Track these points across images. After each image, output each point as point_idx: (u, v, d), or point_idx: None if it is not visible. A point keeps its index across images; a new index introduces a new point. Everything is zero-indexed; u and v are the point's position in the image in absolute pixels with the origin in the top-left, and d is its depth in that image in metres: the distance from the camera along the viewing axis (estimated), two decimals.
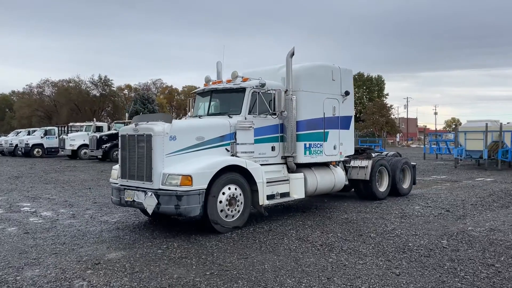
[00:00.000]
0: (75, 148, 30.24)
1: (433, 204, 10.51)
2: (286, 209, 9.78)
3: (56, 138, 33.37)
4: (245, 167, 7.78)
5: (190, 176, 6.95)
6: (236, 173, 7.67)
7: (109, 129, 32.35)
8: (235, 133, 8.05)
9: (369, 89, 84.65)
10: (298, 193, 8.84)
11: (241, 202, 7.74)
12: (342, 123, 10.13)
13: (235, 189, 7.63)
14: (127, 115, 35.29)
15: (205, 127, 8.01)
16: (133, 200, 7.45)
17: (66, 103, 66.32)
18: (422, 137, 49.34)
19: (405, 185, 12.04)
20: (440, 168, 22.64)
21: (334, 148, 9.93)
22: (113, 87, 70.92)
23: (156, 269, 5.50)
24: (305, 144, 9.18)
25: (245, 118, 8.25)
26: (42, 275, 5.33)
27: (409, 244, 6.74)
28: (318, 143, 9.50)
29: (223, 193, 7.44)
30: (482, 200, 11.26)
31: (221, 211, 7.41)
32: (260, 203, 7.98)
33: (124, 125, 29.18)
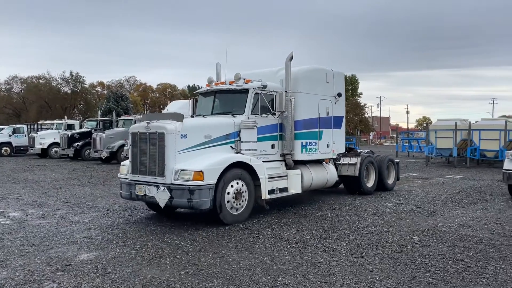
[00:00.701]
0: (45, 146, 29.39)
1: (405, 201, 10.74)
2: (263, 208, 9.81)
3: (25, 136, 32.30)
4: (250, 163, 8.27)
5: (201, 171, 7.42)
6: (241, 169, 8.16)
7: (81, 127, 31.64)
8: (239, 131, 8.54)
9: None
10: (295, 188, 9.42)
11: (246, 196, 8.22)
12: (335, 122, 10.83)
13: (241, 184, 8.13)
14: (99, 112, 34.48)
15: (212, 125, 8.46)
16: (145, 194, 7.86)
17: (35, 100, 64.36)
18: (395, 136, 50.40)
19: (390, 181, 12.77)
20: (412, 165, 23.16)
21: (328, 146, 10.54)
22: (85, 84, 69.28)
23: (129, 270, 5.40)
24: (302, 143, 9.73)
25: (248, 118, 8.76)
26: (10, 277, 5.14)
27: (382, 240, 6.85)
28: (313, 142, 10.09)
29: (231, 187, 7.93)
30: (452, 196, 11.58)
31: (228, 202, 7.89)
32: (263, 197, 8.51)
33: (97, 123, 29.07)
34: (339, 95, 10.92)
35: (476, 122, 24.78)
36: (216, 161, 7.80)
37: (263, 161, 8.74)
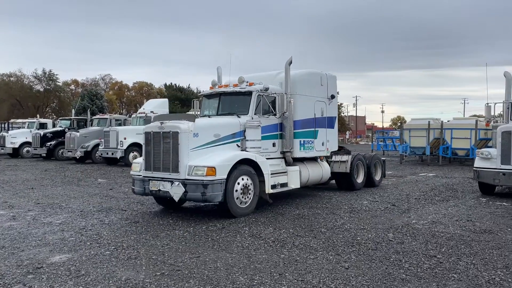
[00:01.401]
0: (17, 146, 28.58)
1: (380, 199, 10.92)
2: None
3: None
4: (255, 160, 8.90)
5: (214, 167, 8.01)
6: (247, 166, 8.78)
7: (54, 126, 30.89)
8: (245, 130, 9.19)
9: None
10: (294, 183, 10.15)
11: (252, 191, 8.82)
12: (329, 122, 11.63)
13: (247, 179, 8.71)
14: (73, 111, 33.75)
15: (221, 125, 9.07)
16: (159, 190, 8.39)
17: (6, 99, 62.41)
18: (370, 135, 51.17)
19: (377, 177, 13.59)
20: (387, 164, 23.51)
21: (323, 144, 11.38)
22: (58, 82, 67.64)
23: (103, 272, 5.30)
24: (300, 141, 10.50)
25: (252, 118, 9.41)
26: None
27: (358, 238, 6.95)
28: (310, 140, 10.89)
29: (238, 183, 8.50)
30: (425, 194, 11.84)
31: (237, 198, 8.47)
32: (266, 192, 9.12)
33: (70, 122, 28.43)
34: (332, 97, 11.66)
35: (448, 121, 25.36)
36: (226, 158, 8.41)
37: (266, 158, 9.37)
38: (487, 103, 12.74)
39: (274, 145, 9.90)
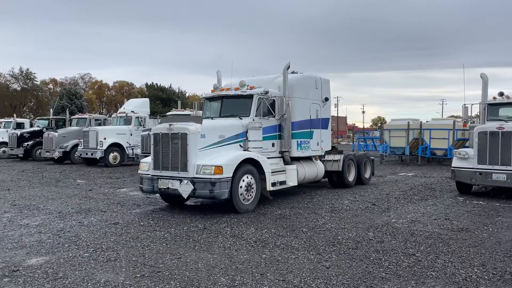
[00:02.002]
0: None
1: (361, 198, 11.04)
2: (221, 208, 9.76)
3: None
4: (258, 160, 9.42)
5: (221, 166, 8.50)
6: (250, 165, 9.28)
7: (31, 125, 30.24)
8: (247, 131, 9.69)
9: None
10: (292, 181, 10.66)
11: (255, 188, 9.33)
12: (323, 124, 12.21)
13: (251, 178, 9.24)
14: (51, 111, 33.04)
15: (225, 127, 9.56)
16: (168, 188, 8.85)
17: None
18: (351, 135, 51.73)
19: (367, 175, 14.20)
20: None
21: (317, 144, 11.98)
22: (36, 81, 66.22)
23: (82, 274, 5.20)
24: (297, 141, 11.04)
25: (253, 120, 9.92)
26: None
27: (339, 237, 7.00)
28: (306, 140, 11.45)
29: (243, 181, 9.01)
30: (404, 193, 12.03)
31: (241, 195, 8.97)
32: (267, 189, 9.65)
33: (49, 122, 27.86)
34: (326, 99, 12.26)
35: (427, 122, 25.76)
36: (231, 158, 8.90)
37: (267, 158, 9.92)
38: (464, 104, 13.03)
39: (273, 145, 10.47)
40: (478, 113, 13.34)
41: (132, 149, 21.73)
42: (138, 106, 23.60)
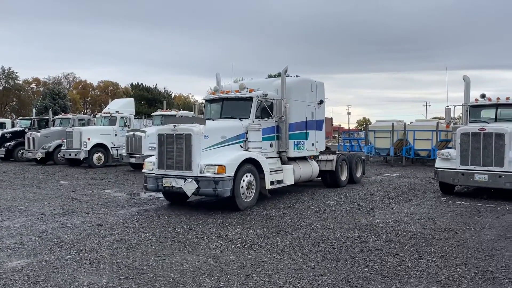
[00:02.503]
0: None
1: (346, 199, 11.11)
2: (208, 208, 9.72)
3: None
4: (257, 159, 9.83)
5: (224, 165, 8.90)
6: (250, 164, 9.66)
7: (13, 125, 29.66)
8: (247, 132, 10.09)
9: None
10: (289, 180, 11.09)
11: (254, 187, 9.76)
12: (318, 125, 12.65)
13: (251, 176, 9.65)
14: (34, 110, 32.48)
15: (226, 128, 9.98)
16: (172, 186, 9.22)
17: None
18: (337, 136, 52.12)
19: (358, 175, 14.69)
20: None
21: (313, 145, 12.41)
22: (18, 80, 65.04)
23: (64, 277, 5.12)
24: (294, 142, 11.47)
25: (253, 121, 10.29)
26: None
27: (324, 237, 7.04)
28: (302, 141, 11.88)
29: (244, 180, 9.41)
30: (389, 194, 12.15)
31: (243, 193, 9.38)
32: (266, 187, 10.07)
33: (31, 122, 27.37)
34: (321, 101, 12.71)
35: (411, 123, 26.05)
36: (233, 157, 9.31)
37: (265, 158, 10.33)
38: (447, 106, 13.20)
39: (271, 145, 10.88)
40: (461, 115, 13.57)
41: (117, 149, 21.49)
42: (123, 106, 23.34)
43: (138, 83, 63.07)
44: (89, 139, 20.83)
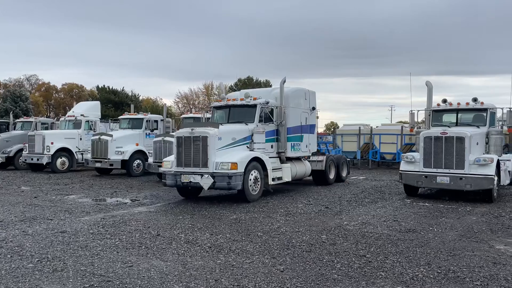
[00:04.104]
0: None
1: (314, 202, 11.24)
2: (176, 213, 9.60)
3: None
4: (262, 158, 11.38)
5: (236, 163, 10.45)
6: (256, 162, 11.19)
7: None
8: (252, 135, 11.63)
9: None
10: (287, 177, 12.59)
11: (260, 182, 11.31)
12: (310, 129, 14.20)
13: (257, 173, 11.18)
14: None
15: (236, 131, 11.51)
16: (190, 181, 10.69)
17: None
18: None
19: (344, 174, 16.33)
20: None
21: (306, 146, 13.94)
22: None
23: (26, 286, 4.92)
24: (291, 144, 12.95)
25: (257, 126, 11.84)
26: None
27: (293, 240, 7.08)
28: (298, 143, 13.40)
29: (251, 175, 10.96)
30: (356, 196, 12.39)
31: (250, 186, 10.93)
32: (269, 183, 11.63)
33: None
34: (313, 108, 14.32)
35: (377, 127, 26.64)
36: (243, 156, 10.86)
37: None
38: (411, 110, 13.61)
39: (272, 146, 12.39)
40: (424, 119, 13.99)
41: (82, 154, 20.91)
42: (88, 109, 22.77)
43: (104, 85, 61.70)
44: (52, 143, 20.19)
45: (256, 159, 11.21)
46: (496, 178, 11.02)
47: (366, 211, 9.99)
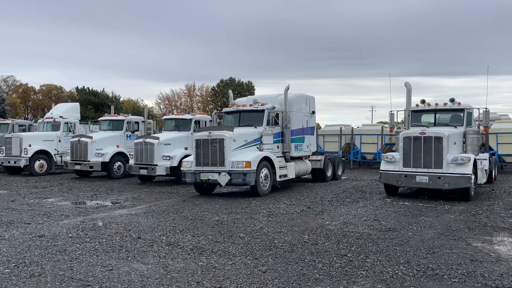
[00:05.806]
0: None
1: (297, 202, 11.30)
2: (157, 215, 9.51)
3: None
4: (271, 158, 12.80)
5: (250, 162, 11.90)
6: (266, 161, 12.56)
7: None
8: (261, 137, 13.07)
9: (240, 94, 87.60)
10: (292, 175, 14.06)
11: (269, 179, 12.69)
12: (310, 131, 15.67)
13: (267, 171, 12.60)
14: None
15: (247, 133, 12.94)
16: (208, 179, 12.11)
17: None
18: None
19: (339, 173, 17.83)
20: None
21: (307, 147, 15.35)
22: None
23: None
24: (294, 145, 14.34)
25: (265, 128, 13.25)
26: None
27: (275, 241, 7.10)
28: (300, 144, 14.78)
29: (262, 172, 12.38)
30: (337, 196, 12.49)
31: (261, 183, 12.34)
32: (277, 180, 13.08)
33: None
34: (313, 112, 15.77)
35: (358, 127, 26.94)
36: (255, 156, 12.30)
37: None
38: (391, 111, 13.81)
39: (278, 147, 13.74)
40: (403, 119, 14.21)
41: (61, 156, 20.54)
42: (67, 111, 22.35)
43: (84, 87, 60.77)
44: (30, 145, 19.75)
45: (266, 159, 12.54)
46: (473, 176, 11.27)
47: (348, 210, 10.08)
